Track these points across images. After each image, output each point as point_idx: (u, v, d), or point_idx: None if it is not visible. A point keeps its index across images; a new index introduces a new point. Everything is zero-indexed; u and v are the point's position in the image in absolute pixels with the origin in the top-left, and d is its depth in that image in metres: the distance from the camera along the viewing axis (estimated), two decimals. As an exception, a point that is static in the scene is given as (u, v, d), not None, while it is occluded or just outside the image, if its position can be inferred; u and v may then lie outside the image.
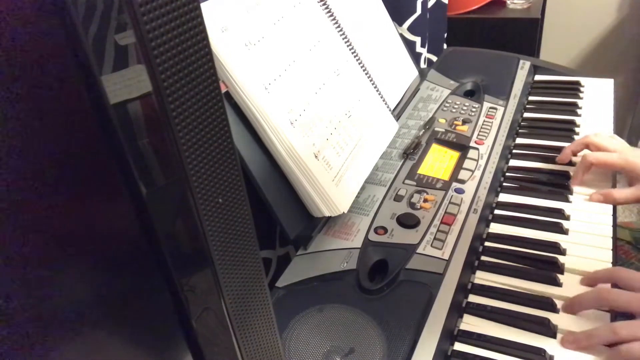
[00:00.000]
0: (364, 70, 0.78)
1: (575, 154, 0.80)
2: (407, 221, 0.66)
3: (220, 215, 0.26)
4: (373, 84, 0.79)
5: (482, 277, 0.62)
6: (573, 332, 0.54)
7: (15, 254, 0.20)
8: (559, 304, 0.57)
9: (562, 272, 0.61)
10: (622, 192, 0.72)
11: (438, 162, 0.78)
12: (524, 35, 1.42)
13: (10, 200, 0.19)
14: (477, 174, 0.75)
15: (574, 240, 0.66)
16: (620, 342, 0.51)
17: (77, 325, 0.24)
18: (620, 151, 0.74)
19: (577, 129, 0.89)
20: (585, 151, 0.78)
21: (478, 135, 0.84)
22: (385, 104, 0.80)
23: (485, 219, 0.70)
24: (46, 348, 0.22)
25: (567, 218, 0.70)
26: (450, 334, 0.55)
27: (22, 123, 0.19)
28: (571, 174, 0.78)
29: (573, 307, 0.57)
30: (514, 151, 0.86)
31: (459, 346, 0.54)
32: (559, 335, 0.54)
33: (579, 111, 0.94)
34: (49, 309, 0.22)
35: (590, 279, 0.60)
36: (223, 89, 0.57)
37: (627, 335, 0.51)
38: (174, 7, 0.22)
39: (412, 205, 0.69)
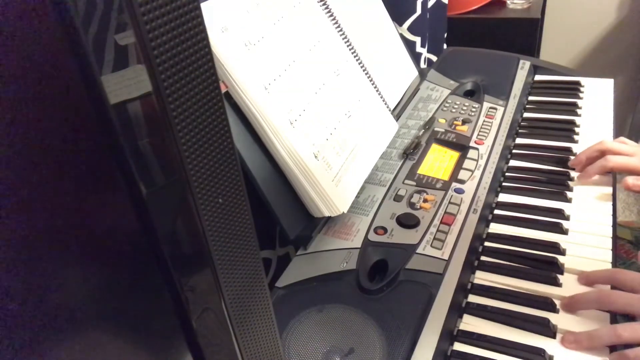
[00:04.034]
0: (364, 71, 0.78)
1: (590, 161, 0.77)
2: (407, 221, 0.66)
3: (220, 215, 0.26)
4: (373, 84, 0.79)
5: (482, 277, 0.62)
6: (574, 332, 0.54)
7: (15, 254, 0.20)
8: (558, 304, 0.57)
9: (561, 272, 0.61)
10: None
11: (438, 162, 0.78)
12: (524, 35, 1.42)
13: (10, 201, 0.19)
14: (477, 174, 0.75)
15: (573, 240, 0.66)
16: (622, 344, 0.51)
17: (77, 325, 0.24)
18: (638, 154, 0.73)
19: (577, 129, 0.89)
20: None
21: (478, 135, 0.84)
22: (385, 104, 0.80)
23: (485, 219, 0.70)
24: (46, 347, 0.22)
25: (567, 218, 0.70)
26: (450, 334, 0.55)
27: (22, 124, 0.19)
28: (571, 174, 0.78)
29: (572, 306, 0.56)
30: (514, 151, 0.86)
31: (458, 346, 0.54)
32: (558, 335, 0.54)
33: (579, 111, 0.94)
34: (49, 309, 0.22)
35: (589, 279, 0.59)
36: (223, 89, 0.57)
37: (630, 337, 0.50)
38: (174, 7, 0.21)
39: (411, 205, 0.69)
